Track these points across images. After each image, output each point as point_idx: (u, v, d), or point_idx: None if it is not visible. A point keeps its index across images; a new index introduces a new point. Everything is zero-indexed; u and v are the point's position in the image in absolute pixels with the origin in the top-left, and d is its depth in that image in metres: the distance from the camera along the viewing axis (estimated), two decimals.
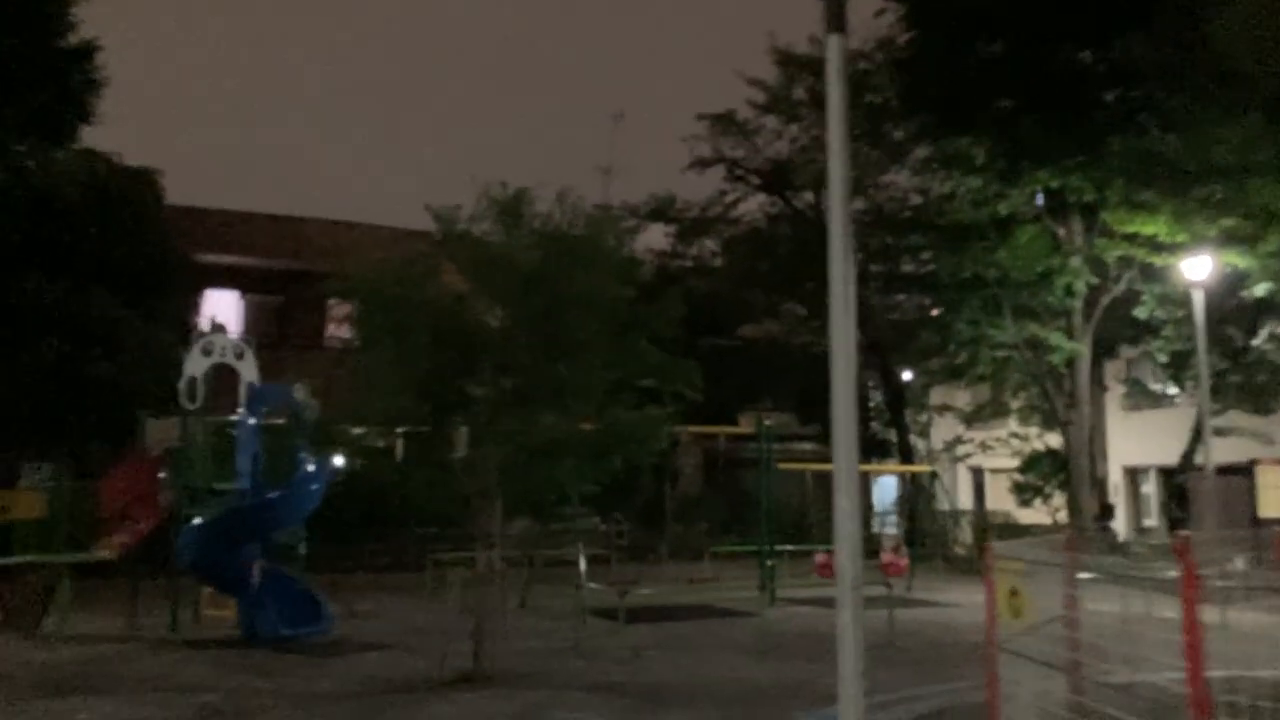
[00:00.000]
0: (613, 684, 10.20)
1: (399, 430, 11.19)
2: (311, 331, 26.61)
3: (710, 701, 9.28)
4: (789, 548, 19.47)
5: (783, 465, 20.59)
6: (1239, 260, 18.12)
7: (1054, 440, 26.42)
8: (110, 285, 18.22)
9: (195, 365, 13.99)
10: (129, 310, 18.01)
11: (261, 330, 23.24)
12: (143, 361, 17.04)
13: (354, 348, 12.18)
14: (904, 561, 18.90)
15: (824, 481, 18.60)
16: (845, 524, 7.02)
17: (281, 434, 14.33)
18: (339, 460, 14.37)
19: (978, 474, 31.17)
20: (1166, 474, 27.92)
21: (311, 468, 13.45)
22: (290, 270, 26.05)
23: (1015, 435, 25.84)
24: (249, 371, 14.53)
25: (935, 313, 24.67)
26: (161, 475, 14.41)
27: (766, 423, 17.77)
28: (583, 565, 15.54)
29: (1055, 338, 21.77)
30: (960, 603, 16.42)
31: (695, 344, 14.34)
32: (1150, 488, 29.22)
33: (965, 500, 31.54)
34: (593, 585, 14.11)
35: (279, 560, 13.89)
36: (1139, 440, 26.93)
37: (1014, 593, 5.63)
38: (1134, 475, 28.68)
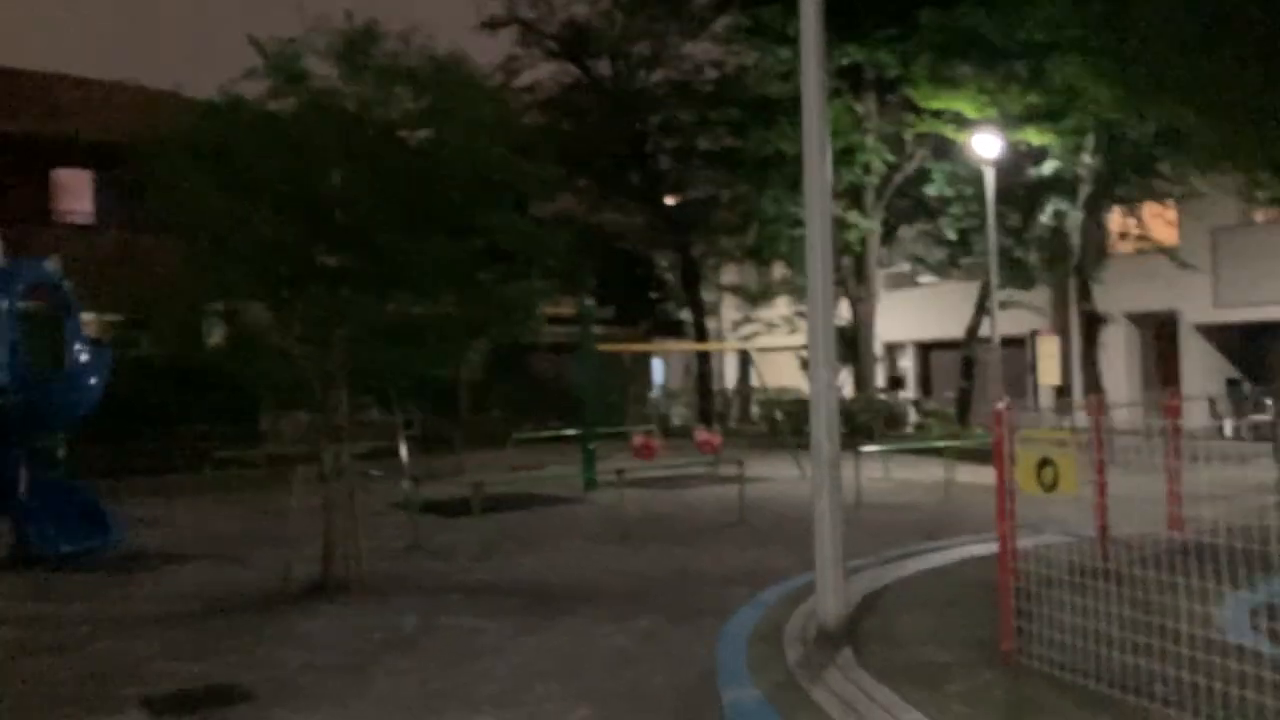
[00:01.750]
0: (485, 585, 9.37)
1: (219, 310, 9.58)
2: (34, 207, 23.19)
3: (607, 599, 8.65)
4: (606, 430, 19.02)
5: (605, 348, 20.02)
6: (1039, 137, 18.84)
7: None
8: None
9: None
10: None
11: None
12: None
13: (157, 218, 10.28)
14: (718, 439, 18.93)
15: (640, 364, 18.19)
16: (823, 396, 6.46)
17: (39, 321, 12.18)
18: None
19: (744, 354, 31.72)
20: (923, 348, 29.64)
21: (86, 357, 11.52)
22: (6, 132, 22.40)
23: (800, 314, 26.40)
24: None
25: (728, 192, 24.55)
26: None
27: (588, 302, 17.04)
28: (404, 455, 14.40)
29: (853, 215, 22.15)
30: (772, 476, 16.56)
31: None
32: (908, 361, 30.97)
33: (732, 379, 32.27)
34: (410, 480, 13.00)
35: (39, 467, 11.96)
36: (897, 318, 28.21)
37: (1045, 463, 5.28)
38: (892, 350, 30.19)
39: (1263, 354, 23.66)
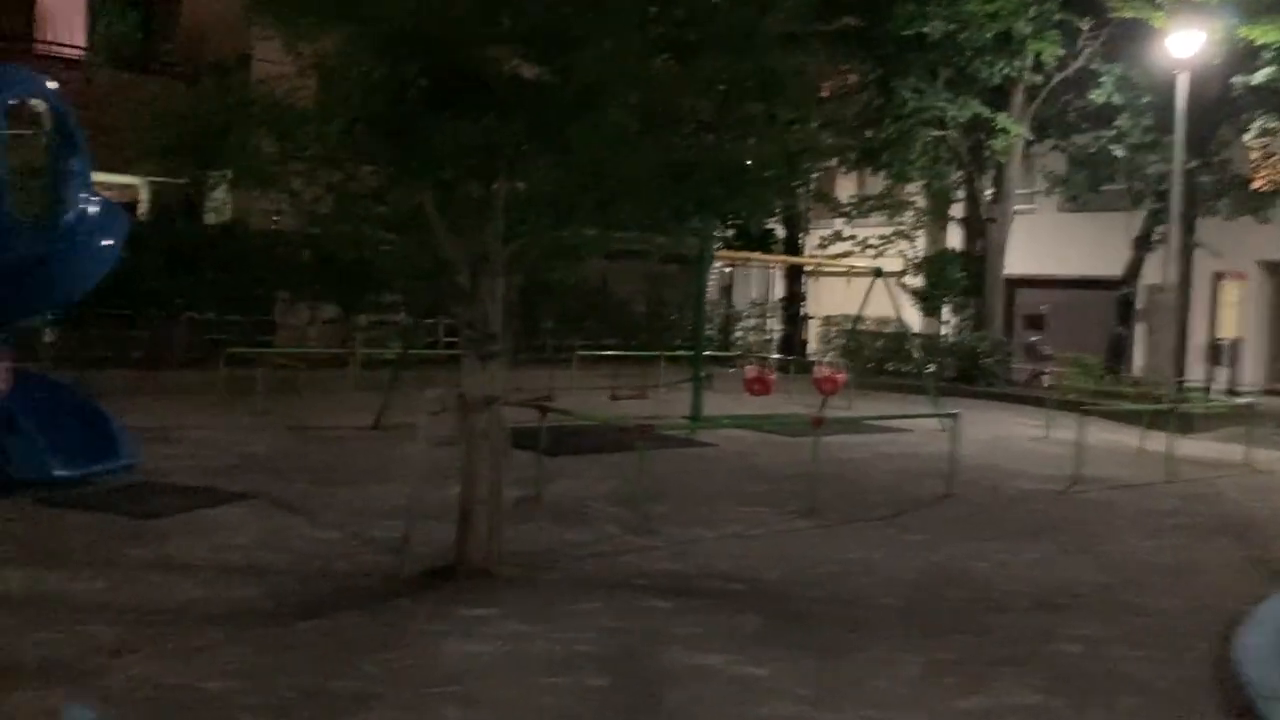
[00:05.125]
0: (678, 578, 6.61)
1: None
2: (17, 34, 19.90)
3: (886, 618, 5.93)
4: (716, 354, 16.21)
5: (727, 255, 17.11)
6: (1265, 34, 15.78)
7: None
8: None
9: None
10: None
11: None
12: None
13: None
14: (841, 375, 16.11)
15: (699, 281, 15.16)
16: None
17: (31, 152, 9.19)
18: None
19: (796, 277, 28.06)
20: (1037, 285, 26.10)
21: (96, 209, 8.59)
22: None
23: (902, 234, 23.37)
24: None
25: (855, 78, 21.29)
26: None
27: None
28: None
29: (1002, 119, 19.08)
30: (905, 426, 13.79)
31: None
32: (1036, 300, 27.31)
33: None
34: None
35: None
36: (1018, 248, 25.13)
37: None
38: (1011, 286, 27.01)
39: None
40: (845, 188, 25.65)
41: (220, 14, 19.35)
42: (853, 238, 23.47)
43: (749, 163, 6.21)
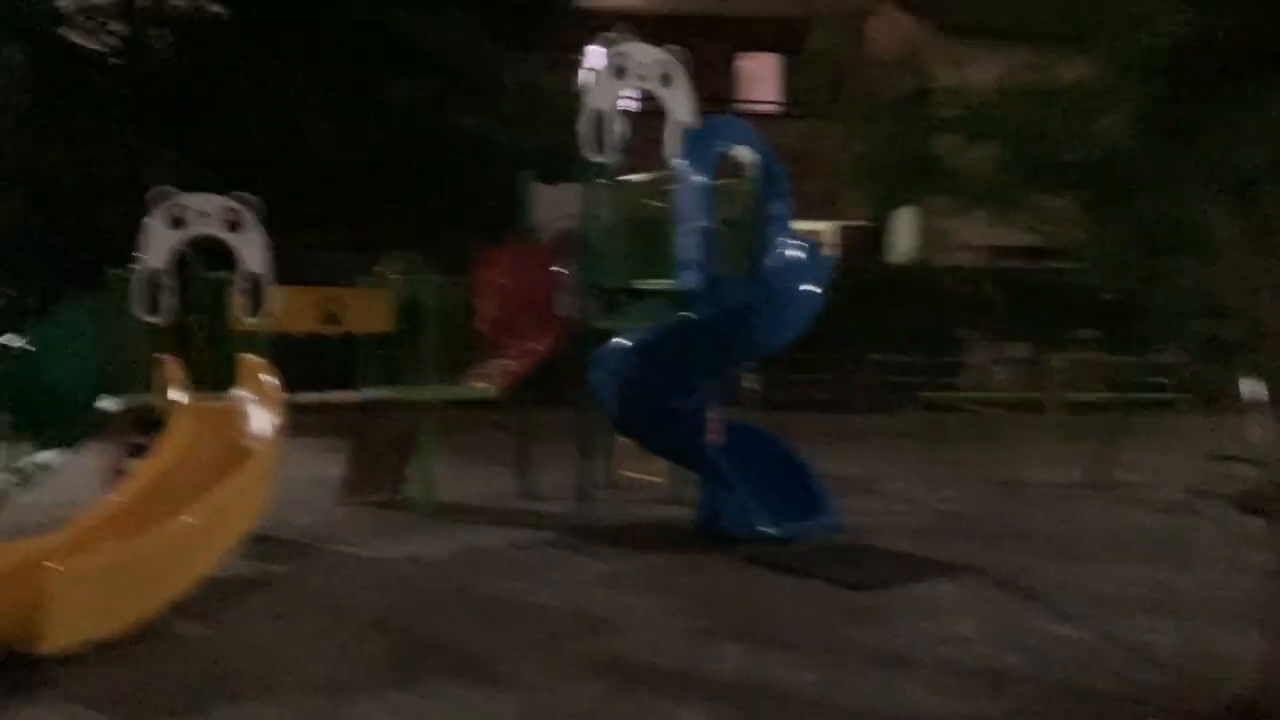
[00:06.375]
0: None
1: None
2: (719, 95, 21.52)
3: None
4: None
5: None
6: None
7: None
8: (482, 16, 13.64)
9: (604, 92, 9.04)
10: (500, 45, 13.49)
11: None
12: (523, 113, 12.54)
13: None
14: None
15: None
16: None
17: (735, 203, 9.18)
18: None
19: None
20: None
21: (799, 253, 8.27)
22: (687, 14, 20.80)
23: None
24: (679, 105, 9.48)
25: None
26: (558, 270, 9.89)
27: None
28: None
29: None
30: None
31: None
32: None
33: None
34: None
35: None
36: None
37: None
38: None
39: None
40: None
41: (892, 53, 19.12)
42: None
43: None
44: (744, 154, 8.85)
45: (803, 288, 7.93)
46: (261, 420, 7.39)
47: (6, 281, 14.54)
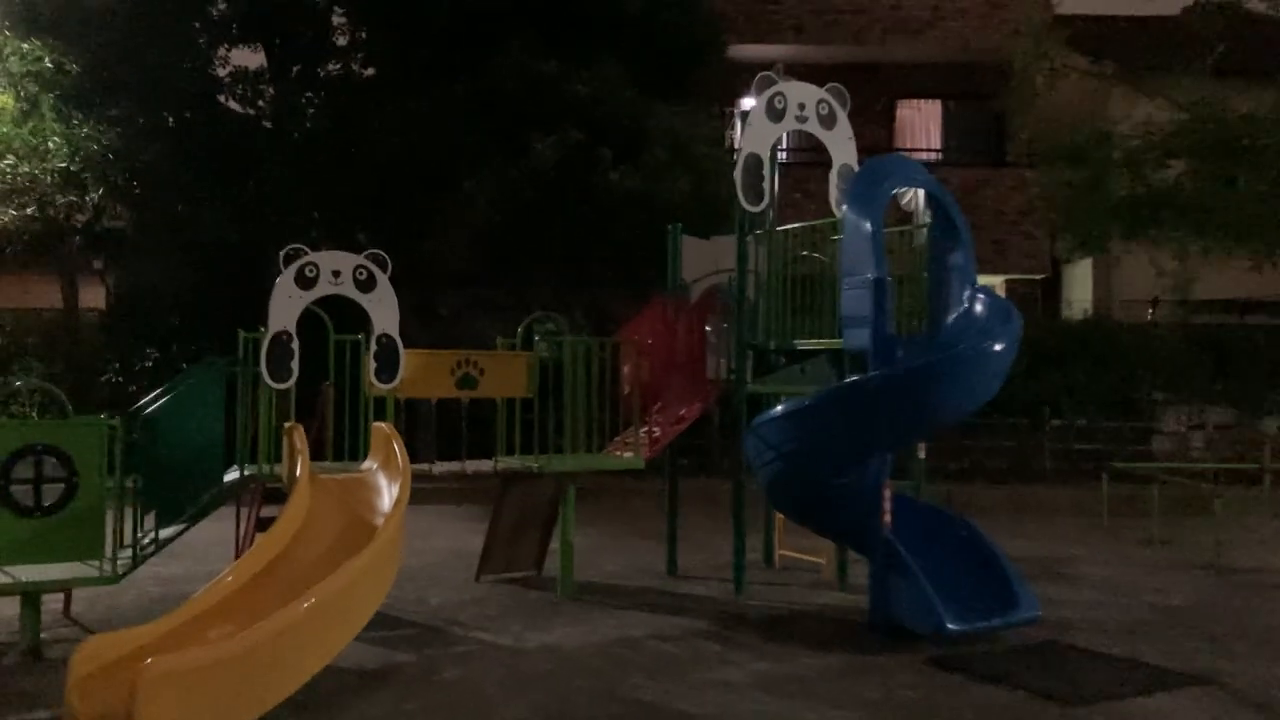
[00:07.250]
0: None
1: None
2: (879, 146, 20.68)
3: None
4: None
5: None
6: None
7: None
8: (631, 66, 13.19)
9: (760, 135, 8.31)
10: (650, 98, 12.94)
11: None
12: (673, 164, 11.91)
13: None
14: None
15: None
16: None
17: (909, 254, 8.29)
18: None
19: None
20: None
21: (983, 308, 7.33)
22: (845, 62, 20.04)
23: None
24: (842, 147, 8.68)
25: None
26: (709, 330, 9.17)
27: None
28: None
29: None
30: None
31: None
32: None
33: None
34: None
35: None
36: None
37: None
38: None
39: None
40: None
41: (1069, 101, 17.83)
42: None
43: None
44: (917, 198, 8.00)
45: (994, 347, 6.95)
46: (390, 493, 6.85)
47: (160, 344, 14.67)
